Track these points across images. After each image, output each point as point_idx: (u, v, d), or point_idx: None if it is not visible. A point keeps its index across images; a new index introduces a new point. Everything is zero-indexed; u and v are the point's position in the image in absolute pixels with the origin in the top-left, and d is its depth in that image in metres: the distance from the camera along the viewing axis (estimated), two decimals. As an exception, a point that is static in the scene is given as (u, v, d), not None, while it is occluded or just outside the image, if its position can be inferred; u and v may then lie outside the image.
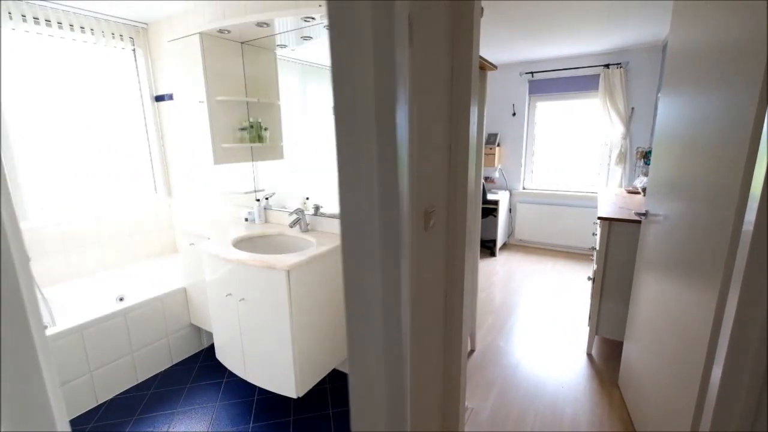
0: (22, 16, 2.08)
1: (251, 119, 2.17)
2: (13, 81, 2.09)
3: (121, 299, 2.61)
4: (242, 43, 2.11)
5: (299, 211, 2.03)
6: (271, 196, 2.29)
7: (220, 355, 2.01)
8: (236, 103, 2.12)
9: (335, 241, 1.86)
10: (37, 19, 2.14)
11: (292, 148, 2.20)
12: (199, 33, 1.89)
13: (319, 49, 2.02)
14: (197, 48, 1.91)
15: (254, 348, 1.78)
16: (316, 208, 2.09)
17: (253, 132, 2.15)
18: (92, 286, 2.47)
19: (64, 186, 2.37)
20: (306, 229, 2.05)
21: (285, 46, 2.09)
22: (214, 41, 1.97)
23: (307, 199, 2.18)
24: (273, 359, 1.72)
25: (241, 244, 1.96)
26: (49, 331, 1.84)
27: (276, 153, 2.24)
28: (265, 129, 2.19)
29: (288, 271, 1.55)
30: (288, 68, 2.13)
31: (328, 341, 1.88)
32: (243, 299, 1.72)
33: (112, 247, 2.64)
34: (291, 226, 2.03)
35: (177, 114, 2.19)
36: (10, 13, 2.02)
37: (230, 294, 1.77)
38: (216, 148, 2.04)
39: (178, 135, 2.55)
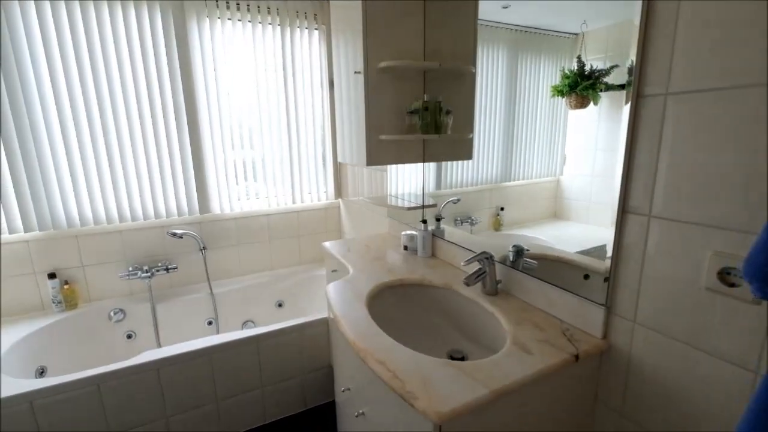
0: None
1: (426, 97, 1.38)
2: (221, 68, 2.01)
3: (280, 305, 2.41)
4: (426, -25, 1.34)
5: (484, 259, 1.12)
6: (456, 201, 1.46)
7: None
8: (406, 72, 1.37)
9: (556, 342, 0.86)
10: (228, 2, 1.99)
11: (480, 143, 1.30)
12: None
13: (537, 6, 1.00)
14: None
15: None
16: (518, 252, 1.13)
17: (428, 117, 1.36)
18: (256, 287, 2.32)
19: (245, 180, 2.27)
20: (494, 291, 1.13)
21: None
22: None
23: (502, 209, 1.26)
24: None
25: (381, 297, 1.21)
26: (179, 349, 1.59)
27: (461, 151, 1.39)
28: (447, 112, 1.37)
29: (440, 426, 0.69)
30: (487, 37, 1.21)
31: None
32: (362, 413, 0.97)
33: (279, 247, 2.45)
34: (467, 284, 1.13)
35: (337, 97, 1.64)
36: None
37: (348, 389, 1.06)
38: (371, 142, 1.36)
39: (338, 123, 2.02)
